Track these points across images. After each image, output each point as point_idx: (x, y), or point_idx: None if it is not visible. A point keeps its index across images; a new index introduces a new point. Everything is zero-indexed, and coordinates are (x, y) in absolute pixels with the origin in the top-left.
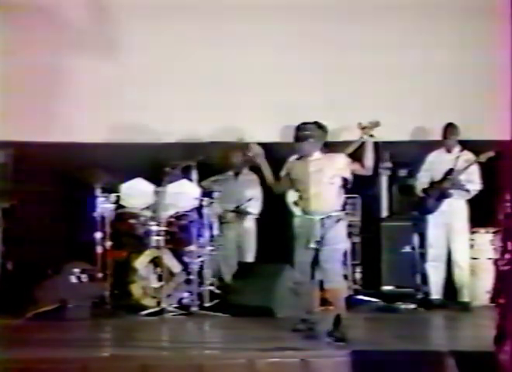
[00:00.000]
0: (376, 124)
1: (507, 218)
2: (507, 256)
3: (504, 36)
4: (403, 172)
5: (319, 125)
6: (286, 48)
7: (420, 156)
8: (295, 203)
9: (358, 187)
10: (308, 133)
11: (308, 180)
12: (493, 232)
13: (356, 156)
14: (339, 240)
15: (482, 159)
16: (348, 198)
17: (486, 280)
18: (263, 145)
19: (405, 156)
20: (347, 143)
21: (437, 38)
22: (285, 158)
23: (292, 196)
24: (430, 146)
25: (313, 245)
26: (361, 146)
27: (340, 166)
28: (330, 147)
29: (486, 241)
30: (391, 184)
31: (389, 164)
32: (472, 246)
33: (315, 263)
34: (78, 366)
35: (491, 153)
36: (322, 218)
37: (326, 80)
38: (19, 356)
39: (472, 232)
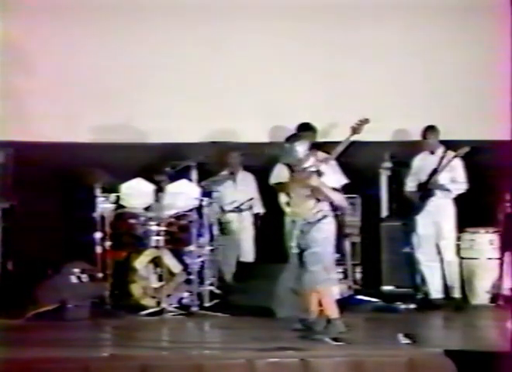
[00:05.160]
0: (365, 121)
1: (507, 218)
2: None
3: (502, 36)
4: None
5: (309, 127)
6: (279, 49)
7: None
8: (287, 204)
9: (358, 187)
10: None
11: (294, 190)
12: (493, 232)
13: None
14: (317, 244)
15: (460, 154)
16: (348, 198)
17: (486, 280)
18: (254, 145)
19: (405, 156)
20: (337, 143)
21: (440, 38)
22: (275, 158)
23: (283, 197)
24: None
25: (294, 250)
26: (351, 145)
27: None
28: (320, 147)
29: (486, 241)
30: (391, 184)
31: (389, 164)
32: (471, 246)
33: (300, 266)
34: (78, 366)
35: (466, 148)
36: (302, 224)
37: (318, 81)
38: (19, 356)
39: (472, 232)
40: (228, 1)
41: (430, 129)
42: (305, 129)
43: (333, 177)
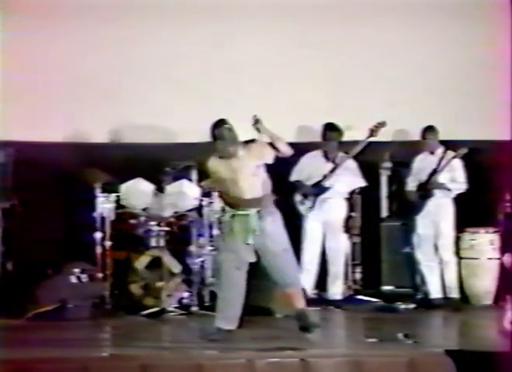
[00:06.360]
0: (383, 124)
1: (507, 218)
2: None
3: (502, 36)
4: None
5: (334, 127)
6: (279, 49)
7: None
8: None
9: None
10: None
11: (236, 176)
12: (493, 232)
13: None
14: (279, 235)
15: (458, 155)
16: (348, 198)
17: (487, 280)
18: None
19: (405, 156)
20: (352, 143)
21: (440, 38)
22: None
23: (298, 196)
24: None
25: (251, 240)
26: (367, 146)
27: (260, 154)
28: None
29: (486, 241)
30: (391, 184)
31: (389, 164)
32: (472, 246)
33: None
34: (78, 366)
35: (465, 150)
36: (258, 211)
37: (318, 82)
38: (19, 356)
39: (473, 232)
40: (230, 0)
41: (429, 130)
42: (331, 129)
43: (351, 178)
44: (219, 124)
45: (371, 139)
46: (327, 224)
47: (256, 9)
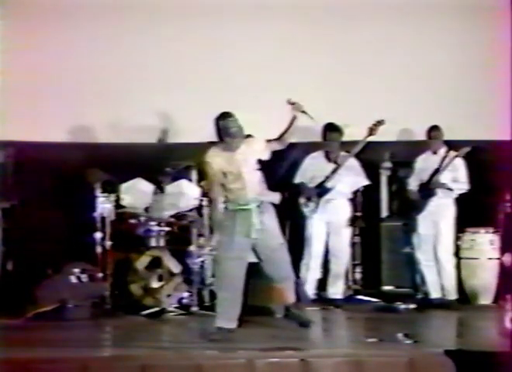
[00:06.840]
0: (381, 122)
1: (507, 218)
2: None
3: (502, 37)
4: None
5: (335, 127)
6: (279, 49)
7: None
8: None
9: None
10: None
11: (239, 169)
12: (493, 232)
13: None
14: (276, 228)
15: (461, 154)
16: (352, 198)
17: (487, 280)
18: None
19: (406, 156)
20: (352, 143)
21: (441, 39)
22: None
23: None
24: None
25: (255, 235)
26: (367, 145)
27: (259, 149)
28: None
29: (486, 241)
30: (391, 184)
31: (389, 164)
32: (472, 246)
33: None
34: (78, 366)
35: (467, 149)
36: (258, 206)
37: (319, 82)
38: (19, 356)
39: (473, 232)
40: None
41: (434, 129)
42: (331, 129)
43: (354, 178)
44: (225, 116)
45: (371, 137)
46: (331, 224)
47: (256, 10)
